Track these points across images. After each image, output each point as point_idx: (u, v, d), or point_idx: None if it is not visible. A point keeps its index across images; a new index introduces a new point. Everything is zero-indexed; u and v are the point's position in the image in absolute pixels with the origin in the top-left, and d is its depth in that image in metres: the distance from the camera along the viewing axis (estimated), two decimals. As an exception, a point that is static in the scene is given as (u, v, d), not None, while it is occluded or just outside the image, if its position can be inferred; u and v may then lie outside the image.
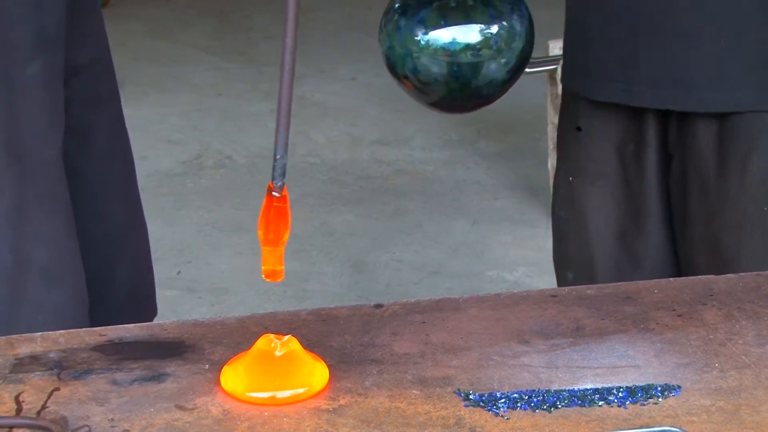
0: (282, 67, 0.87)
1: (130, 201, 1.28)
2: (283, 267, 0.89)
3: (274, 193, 0.88)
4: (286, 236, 0.88)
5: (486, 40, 1.00)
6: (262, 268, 0.89)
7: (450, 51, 1.00)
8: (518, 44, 1.03)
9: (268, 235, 0.88)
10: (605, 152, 1.30)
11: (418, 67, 1.01)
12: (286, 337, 0.89)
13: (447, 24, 1.00)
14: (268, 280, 0.89)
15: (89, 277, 1.22)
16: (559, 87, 3.20)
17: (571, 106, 1.34)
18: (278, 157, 0.87)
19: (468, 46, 1.00)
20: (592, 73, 1.27)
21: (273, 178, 0.88)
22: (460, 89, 1.01)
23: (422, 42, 1.00)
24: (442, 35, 1.00)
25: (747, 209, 1.23)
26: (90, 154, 1.22)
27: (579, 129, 1.32)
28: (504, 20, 1.02)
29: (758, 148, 1.23)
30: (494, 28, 1.01)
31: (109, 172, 1.24)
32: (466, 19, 1.00)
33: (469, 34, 1.00)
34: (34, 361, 0.92)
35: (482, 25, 1.00)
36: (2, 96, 1.08)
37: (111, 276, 1.25)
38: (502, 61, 1.01)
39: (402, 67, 1.02)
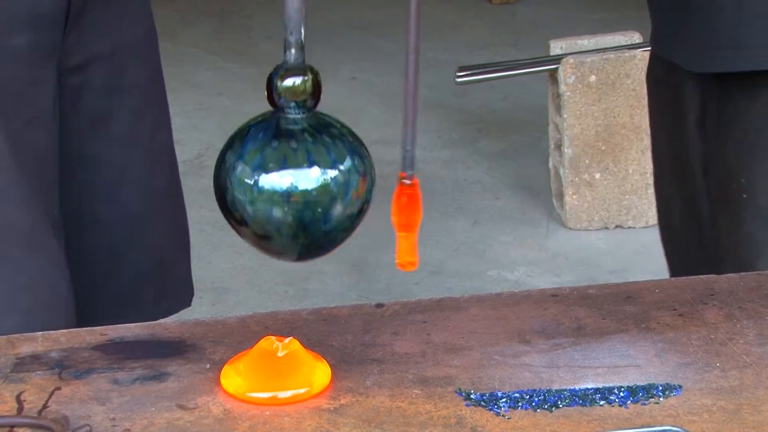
0: (406, 66, 0.96)
1: (149, 191, 1.26)
2: (416, 256, 0.95)
3: (405, 181, 0.96)
4: (419, 221, 0.96)
5: (326, 185, 0.94)
6: (396, 260, 0.95)
7: (288, 196, 0.93)
8: (361, 188, 0.96)
9: (402, 220, 0.96)
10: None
11: (255, 212, 0.94)
12: (287, 340, 0.89)
13: (286, 167, 0.94)
14: (401, 269, 0.95)
15: (96, 259, 1.22)
16: (560, 86, 3.18)
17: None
18: (408, 149, 0.98)
19: (307, 192, 0.93)
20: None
21: (403, 168, 0.97)
22: (298, 236, 0.94)
23: (258, 186, 0.94)
24: (280, 180, 0.93)
25: None
26: (105, 141, 1.21)
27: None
28: (345, 163, 0.95)
29: None
30: (334, 173, 0.94)
31: (126, 161, 1.23)
32: (307, 163, 0.94)
33: (308, 178, 0.93)
34: (35, 360, 0.92)
35: (323, 169, 0.94)
36: None
37: (119, 263, 1.25)
38: (345, 207, 0.95)
39: (238, 212, 0.95)
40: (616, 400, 0.87)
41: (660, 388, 0.89)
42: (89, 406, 0.86)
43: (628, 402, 0.87)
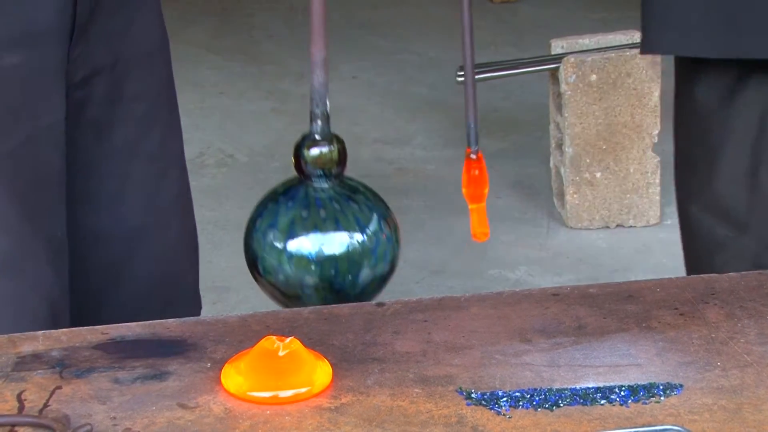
0: (463, 45, 1.12)
1: (155, 203, 1.25)
2: (488, 227, 1.05)
3: (471, 156, 1.05)
4: (486, 191, 1.05)
5: (354, 249, 1.00)
6: (471, 232, 1.04)
7: (318, 261, 0.99)
8: (388, 248, 1.03)
9: (472, 192, 1.04)
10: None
11: (286, 277, 1.00)
12: (288, 339, 0.89)
13: (315, 233, 0.99)
14: (476, 240, 1.05)
15: (99, 271, 1.22)
16: (561, 85, 3.18)
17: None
18: (471, 125, 1.06)
19: (336, 257, 0.99)
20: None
21: (469, 144, 1.05)
22: (328, 299, 1.01)
23: (288, 252, 0.99)
24: (310, 246, 0.99)
25: None
26: (107, 151, 1.20)
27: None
28: (371, 226, 1.01)
29: None
30: (361, 236, 1.00)
31: (128, 171, 1.22)
32: (335, 229, 1.00)
33: (337, 243, 0.99)
34: (36, 359, 0.92)
35: (351, 234, 1.00)
36: None
37: (121, 274, 1.24)
38: (373, 268, 1.01)
39: (270, 276, 1.01)
40: (617, 399, 0.87)
41: (661, 387, 0.88)
42: (90, 405, 0.86)
43: (629, 401, 0.87)
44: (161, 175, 1.26)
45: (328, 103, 1.02)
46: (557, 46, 2.89)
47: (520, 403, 0.87)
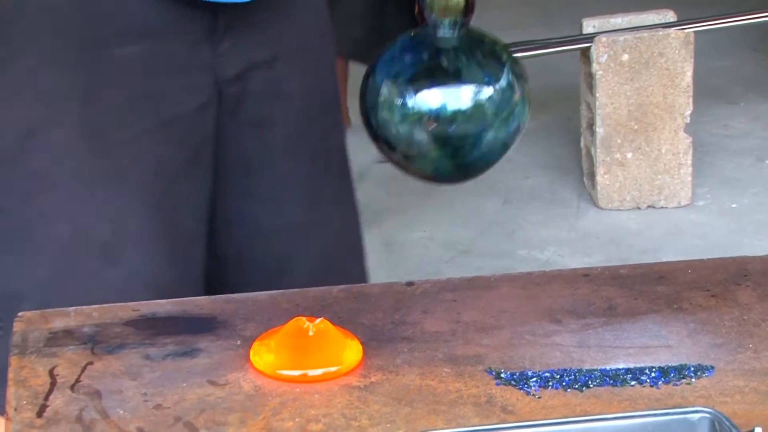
0: None
1: (317, 198, 1.21)
2: None
3: None
4: None
5: (480, 105, 0.89)
6: None
7: (438, 118, 0.89)
8: (516, 108, 0.92)
9: None
10: None
11: (402, 133, 0.90)
12: (318, 320, 0.89)
13: (436, 86, 0.89)
14: None
15: (261, 265, 1.19)
16: (593, 65, 3.16)
17: None
18: None
19: (459, 112, 0.89)
20: None
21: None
22: (446, 159, 0.91)
23: (406, 105, 0.89)
24: (430, 99, 0.89)
25: None
26: (267, 147, 1.17)
27: None
28: (500, 82, 0.90)
29: None
30: (490, 92, 0.90)
31: (287, 168, 1.19)
32: (458, 82, 0.89)
33: (460, 98, 0.89)
34: (68, 335, 0.93)
35: (476, 88, 0.89)
36: (91, 69, 1.07)
37: (282, 269, 1.20)
38: (498, 128, 0.91)
39: (384, 132, 0.90)
40: (648, 380, 0.87)
41: (692, 368, 0.88)
42: (121, 380, 0.87)
43: (660, 382, 0.87)
44: (323, 170, 1.22)
45: None
46: (589, 26, 2.87)
47: (550, 383, 0.86)
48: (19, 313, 0.96)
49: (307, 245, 1.22)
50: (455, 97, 0.89)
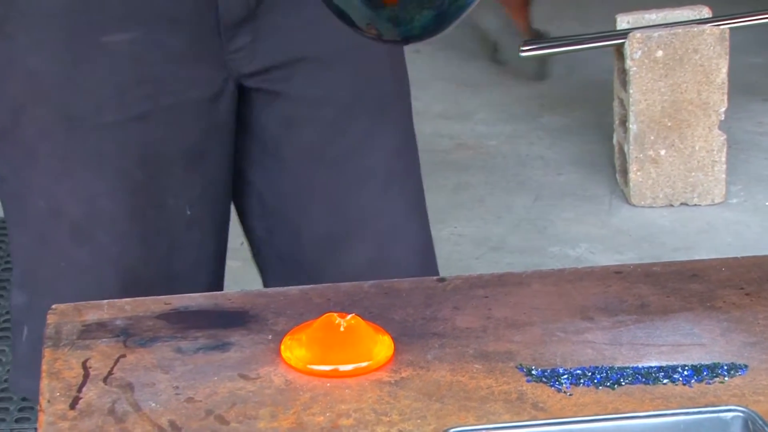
0: None
1: (338, 210, 1.16)
2: None
3: None
4: None
5: None
6: None
7: None
8: None
9: None
10: None
11: None
12: (349, 316, 0.89)
13: None
14: None
15: (314, 245, 1.16)
16: (627, 61, 3.15)
17: None
18: None
19: None
20: None
21: None
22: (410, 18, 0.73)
23: None
24: None
25: None
26: (293, 148, 1.16)
27: None
28: None
29: None
30: None
31: (313, 173, 1.16)
32: None
33: None
34: (100, 327, 0.94)
35: None
36: (75, 53, 1.08)
37: (338, 252, 1.17)
38: None
39: None
40: (680, 378, 0.86)
41: (725, 367, 0.87)
42: (153, 374, 0.88)
43: (692, 381, 0.86)
44: (342, 180, 1.16)
45: None
46: (623, 21, 2.85)
47: (581, 380, 0.86)
48: (53, 306, 0.97)
49: (336, 258, 1.19)
50: None
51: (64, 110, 1.09)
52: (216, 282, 1.20)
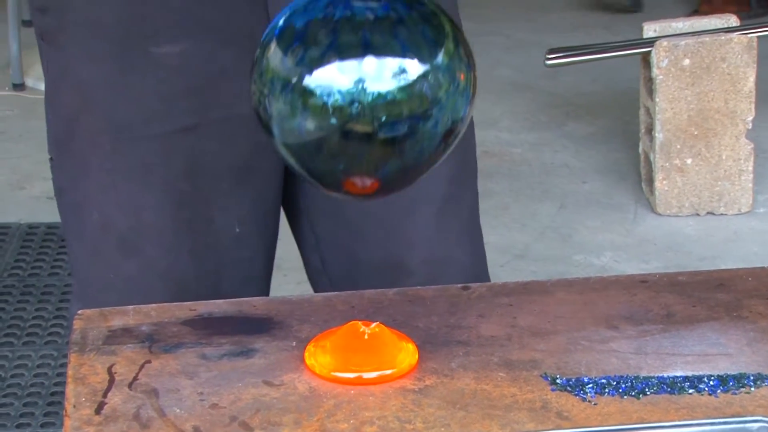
0: None
1: (393, 235, 1.14)
2: None
3: None
4: None
5: (410, 87, 0.66)
6: None
7: (351, 102, 0.65)
8: (460, 96, 0.69)
9: None
10: None
11: (298, 125, 0.67)
12: (373, 324, 0.89)
13: (350, 58, 0.65)
14: None
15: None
16: (653, 69, 3.14)
17: None
18: None
19: (382, 97, 0.65)
20: None
21: None
22: (362, 162, 0.69)
23: (305, 87, 0.65)
24: (341, 77, 0.65)
25: None
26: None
27: None
28: (439, 57, 0.67)
29: None
30: (423, 68, 0.67)
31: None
32: (385, 53, 0.66)
33: (384, 76, 0.65)
34: (126, 333, 0.94)
35: (409, 63, 0.66)
36: (123, 63, 1.08)
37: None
38: (433, 122, 0.67)
39: (269, 119, 0.69)
40: (706, 388, 0.86)
41: (751, 377, 0.87)
42: (178, 379, 0.88)
43: (718, 391, 0.85)
44: (405, 207, 1.14)
45: None
46: (650, 30, 2.84)
47: (606, 390, 0.86)
48: (78, 311, 0.97)
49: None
50: (377, 76, 0.66)
51: (112, 120, 1.10)
52: None
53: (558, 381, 0.87)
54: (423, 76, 0.68)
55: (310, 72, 0.67)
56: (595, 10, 4.25)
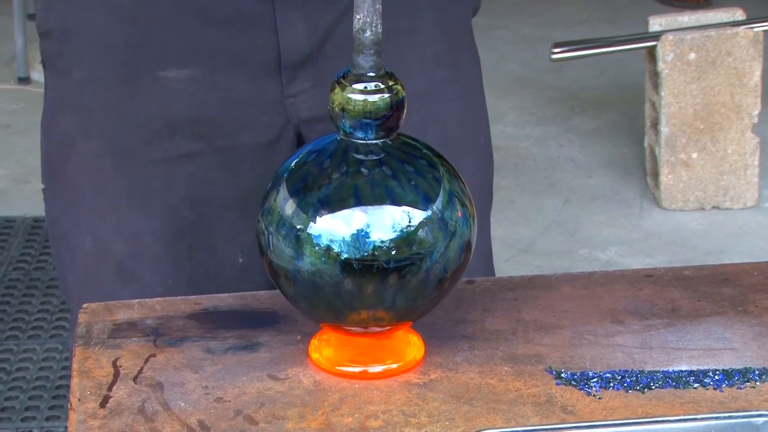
0: None
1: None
2: None
3: None
4: None
5: (411, 235, 0.72)
6: None
7: (357, 249, 0.71)
8: (457, 240, 0.74)
9: None
10: None
11: (305, 270, 0.73)
12: None
13: (353, 206, 0.70)
14: None
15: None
16: (659, 64, 3.13)
17: None
18: None
19: (385, 244, 0.71)
20: None
21: None
22: (366, 304, 0.75)
23: (310, 235, 0.71)
24: (344, 226, 0.70)
25: None
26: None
27: None
28: (437, 203, 0.72)
29: None
30: (423, 215, 0.72)
31: None
32: (386, 201, 0.71)
33: (385, 225, 0.71)
34: (131, 327, 0.94)
35: (407, 211, 0.71)
36: (128, 87, 1.07)
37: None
38: (432, 266, 0.74)
39: (282, 269, 0.75)
40: (711, 383, 0.86)
41: (757, 372, 0.87)
42: (183, 373, 0.88)
43: (723, 385, 0.85)
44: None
45: (380, 27, 0.71)
46: (655, 24, 2.84)
47: (611, 384, 0.86)
48: (84, 305, 0.97)
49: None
50: (380, 223, 0.72)
51: (115, 143, 1.08)
52: None
53: (563, 375, 0.87)
54: (418, 227, 0.75)
55: (312, 219, 0.74)
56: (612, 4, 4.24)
